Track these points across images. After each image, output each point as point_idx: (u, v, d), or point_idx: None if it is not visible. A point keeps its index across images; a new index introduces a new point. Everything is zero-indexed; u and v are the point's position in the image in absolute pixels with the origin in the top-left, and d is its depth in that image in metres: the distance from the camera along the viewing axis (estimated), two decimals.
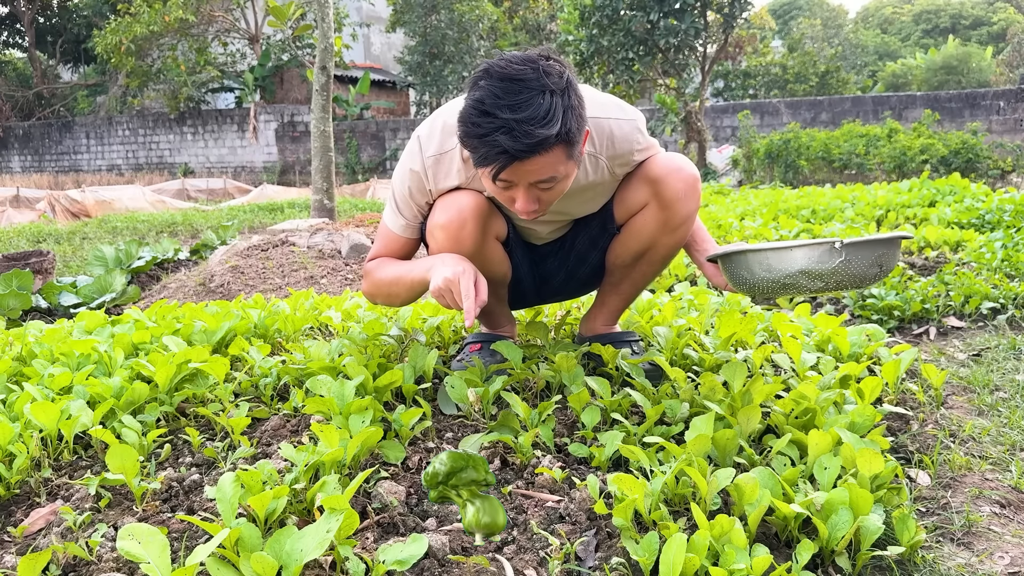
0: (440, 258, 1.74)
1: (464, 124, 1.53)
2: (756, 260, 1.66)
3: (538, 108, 1.46)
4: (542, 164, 1.53)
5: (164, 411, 1.85)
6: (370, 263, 1.98)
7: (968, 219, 4.77)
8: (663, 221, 1.90)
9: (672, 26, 13.50)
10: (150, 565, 1.06)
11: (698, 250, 2.03)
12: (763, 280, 1.65)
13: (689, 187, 1.87)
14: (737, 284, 1.75)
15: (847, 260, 1.56)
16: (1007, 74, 26.71)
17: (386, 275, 1.91)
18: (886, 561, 1.28)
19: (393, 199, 1.91)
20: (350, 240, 5.32)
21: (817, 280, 1.59)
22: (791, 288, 1.64)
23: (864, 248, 1.57)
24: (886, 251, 1.61)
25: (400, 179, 1.86)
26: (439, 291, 1.66)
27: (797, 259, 1.59)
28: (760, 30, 26.19)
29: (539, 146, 1.48)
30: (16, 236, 7.65)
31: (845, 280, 1.59)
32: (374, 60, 27.44)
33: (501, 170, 1.53)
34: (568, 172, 1.61)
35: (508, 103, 1.47)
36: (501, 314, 2.17)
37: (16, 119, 26.94)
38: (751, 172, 12.44)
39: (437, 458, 1.36)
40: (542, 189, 1.60)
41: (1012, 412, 1.94)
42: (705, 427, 1.53)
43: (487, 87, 1.49)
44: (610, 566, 1.23)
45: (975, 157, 10.85)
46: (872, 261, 1.59)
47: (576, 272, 2.11)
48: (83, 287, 4.21)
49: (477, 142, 1.51)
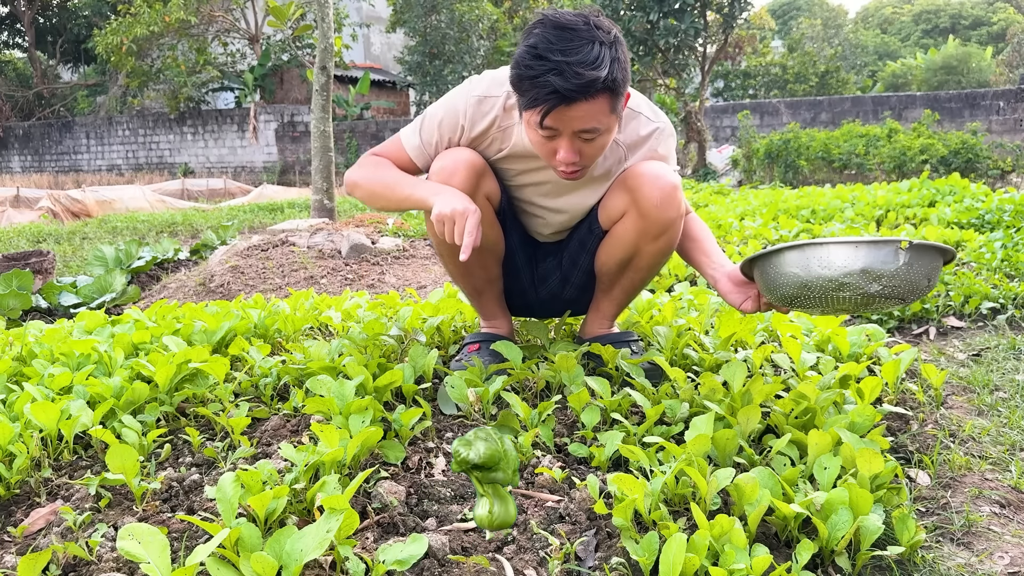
0: (450, 189, 1.76)
1: (517, 67, 1.62)
2: (815, 255, 1.52)
3: (588, 53, 1.56)
4: (587, 111, 1.61)
5: (164, 411, 1.85)
6: (370, 156, 1.96)
7: (968, 219, 4.77)
8: (642, 229, 1.89)
9: (672, 26, 13.50)
10: (150, 565, 1.06)
11: (711, 265, 1.93)
12: (817, 279, 1.51)
13: (666, 195, 1.84)
14: (779, 287, 1.59)
15: (909, 263, 1.47)
16: (1007, 74, 26.72)
17: (384, 177, 1.89)
18: (886, 561, 1.28)
19: (420, 121, 1.93)
20: (350, 240, 5.32)
21: (875, 283, 1.48)
22: (843, 292, 1.51)
23: (926, 253, 1.50)
24: (938, 263, 1.55)
25: (438, 106, 1.90)
26: (442, 217, 1.68)
27: (861, 256, 1.48)
28: (760, 30, 26.20)
29: (587, 87, 1.57)
30: (16, 236, 7.65)
31: (901, 287, 1.49)
32: (374, 60, 27.44)
33: (548, 112, 1.60)
34: (609, 126, 1.68)
35: (560, 47, 1.57)
36: (493, 299, 2.14)
37: (16, 119, 26.94)
38: (751, 172, 12.44)
39: (474, 443, 1.26)
40: (584, 140, 1.67)
41: (1012, 412, 1.94)
42: (705, 427, 1.53)
43: (541, 33, 1.60)
44: (610, 566, 1.23)
45: (975, 157, 10.85)
46: (928, 270, 1.51)
47: (569, 276, 2.11)
48: (83, 287, 4.21)
49: (528, 83, 1.60)
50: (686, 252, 2.03)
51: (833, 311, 1.60)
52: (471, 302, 2.19)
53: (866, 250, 1.49)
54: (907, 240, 1.47)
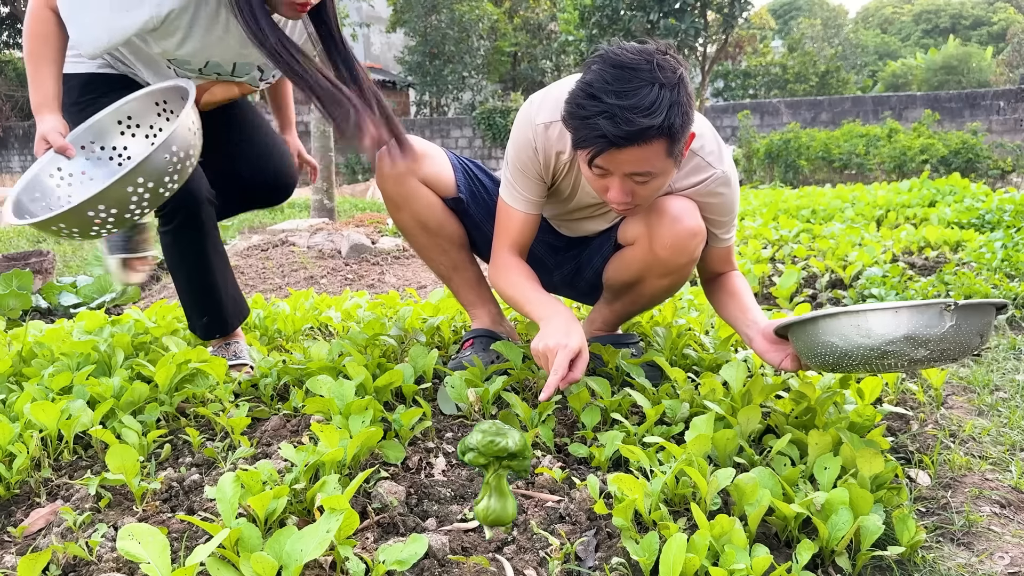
0: (556, 317, 1.70)
1: (570, 104, 1.54)
2: (853, 324, 1.42)
3: (644, 98, 1.46)
4: (639, 156, 1.51)
5: (164, 411, 1.85)
6: (503, 257, 1.91)
7: (968, 219, 4.77)
8: (649, 264, 1.86)
9: (672, 26, 13.51)
10: (150, 565, 1.06)
11: (746, 322, 1.82)
12: (857, 348, 1.42)
13: (679, 241, 1.78)
14: (818, 355, 1.50)
15: (957, 325, 1.36)
16: (1007, 74, 26.72)
17: (511, 290, 1.86)
18: (886, 561, 1.28)
19: (505, 173, 1.89)
20: (350, 240, 5.32)
21: (921, 348, 1.37)
22: (886, 360, 1.41)
23: (974, 312, 1.39)
24: (990, 318, 1.44)
25: (510, 148, 1.85)
26: (537, 353, 1.65)
27: (903, 322, 1.37)
28: (760, 30, 26.19)
29: (639, 136, 1.47)
30: (16, 236, 7.65)
31: (949, 349, 1.38)
32: (374, 60, 27.43)
33: (597, 155, 1.53)
34: (665, 170, 1.58)
35: (615, 89, 1.47)
36: (463, 285, 2.15)
37: (16, 119, 26.93)
38: (751, 172, 12.44)
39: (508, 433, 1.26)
40: (637, 183, 1.58)
41: (1012, 412, 1.94)
42: (705, 427, 1.53)
43: (598, 71, 1.51)
44: (610, 566, 1.23)
45: (975, 157, 10.85)
46: (980, 327, 1.41)
47: (583, 272, 2.11)
48: (83, 287, 4.21)
49: (579, 123, 1.52)
50: (721, 305, 1.94)
51: (880, 372, 1.52)
52: (450, 290, 2.23)
53: (908, 315, 1.38)
54: (952, 302, 1.36)
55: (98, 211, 1.67)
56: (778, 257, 4.05)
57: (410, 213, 2.01)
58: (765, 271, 3.58)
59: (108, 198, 1.66)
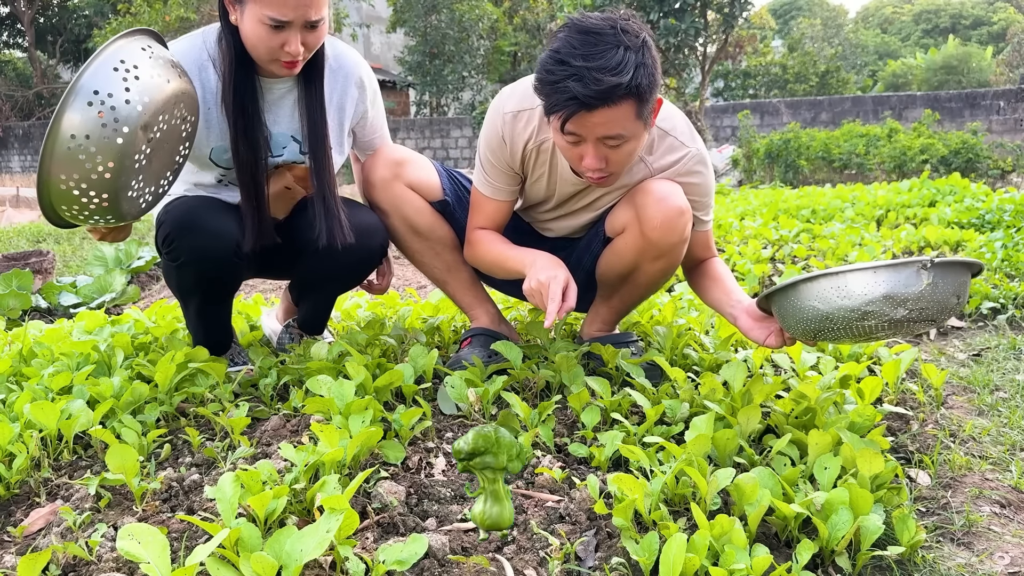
0: (539, 258, 1.78)
1: (539, 72, 1.60)
2: (833, 285, 1.44)
3: (610, 59, 1.52)
4: (609, 117, 1.56)
5: (164, 411, 1.85)
6: (475, 233, 2.01)
7: (968, 219, 4.77)
8: (642, 248, 1.88)
9: (672, 26, 13.50)
10: (150, 565, 1.06)
11: (729, 303, 1.88)
12: (838, 311, 1.44)
13: (668, 219, 1.81)
14: (800, 322, 1.52)
15: (934, 283, 1.40)
16: (1007, 74, 26.71)
17: (489, 255, 1.96)
18: (886, 561, 1.28)
19: (478, 163, 1.96)
20: None
21: (900, 307, 1.40)
22: (867, 321, 1.43)
23: (950, 271, 1.42)
24: (966, 278, 1.47)
25: (481, 136, 1.92)
26: (531, 291, 1.73)
27: (881, 281, 1.40)
28: (760, 30, 26.19)
29: (607, 94, 1.52)
30: (16, 236, 7.65)
31: (928, 308, 1.42)
32: (374, 60, 27.42)
33: (568, 118, 1.57)
34: (636, 132, 1.63)
35: (583, 52, 1.53)
36: (460, 288, 2.18)
37: (16, 119, 26.92)
38: (751, 172, 12.43)
39: (467, 435, 1.28)
40: (610, 146, 1.63)
41: (1012, 412, 1.94)
42: (705, 427, 1.53)
43: (565, 38, 1.57)
44: (610, 566, 1.23)
45: (975, 157, 10.84)
46: (956, 287, 1.43)
47: (574, 275, 2.10)
48: (83, 287, 4.20)
49: (549, 88, 1.58)
50: (704, 290, 1.99)
51: (862, 340, 1.53)
52: (447, 295, 2.25)
53: (886, 274, 1.41)
54: (929, 259, 1.39)
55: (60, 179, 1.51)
56: (778, 257, 4.05)
57: (400, 218, 2.05)
58: (765, 271, 3.58)
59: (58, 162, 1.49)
